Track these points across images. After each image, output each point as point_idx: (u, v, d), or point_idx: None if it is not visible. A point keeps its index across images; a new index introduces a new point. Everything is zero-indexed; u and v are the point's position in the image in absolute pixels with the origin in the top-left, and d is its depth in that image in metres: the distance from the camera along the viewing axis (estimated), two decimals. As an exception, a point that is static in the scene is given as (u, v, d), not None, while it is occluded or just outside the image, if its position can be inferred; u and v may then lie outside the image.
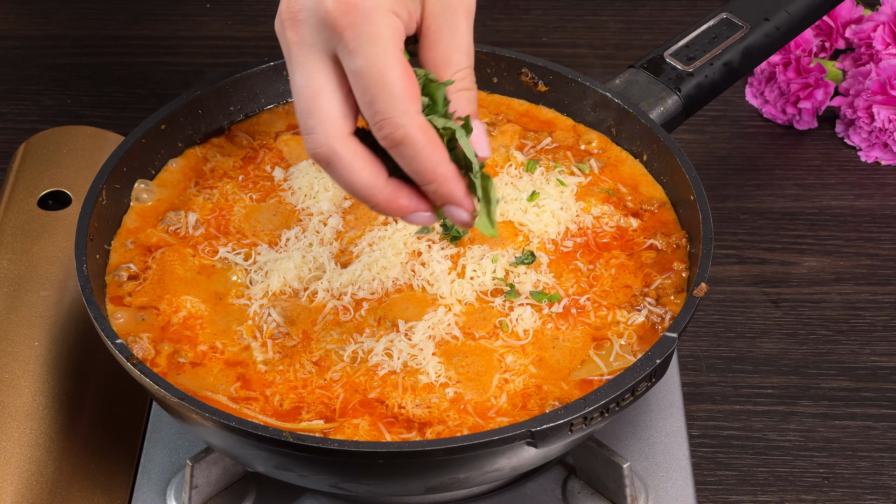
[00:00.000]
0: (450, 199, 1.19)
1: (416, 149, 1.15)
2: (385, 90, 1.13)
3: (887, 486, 1.51)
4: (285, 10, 1.18)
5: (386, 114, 1.14)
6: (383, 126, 1.14)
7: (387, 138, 1.15)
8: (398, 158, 1.16)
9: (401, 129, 1.14)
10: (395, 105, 1.14)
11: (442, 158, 1.17)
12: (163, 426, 1.49)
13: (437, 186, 1.17)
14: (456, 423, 1.29)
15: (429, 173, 1.17)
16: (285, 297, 1.41)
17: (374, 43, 1.14)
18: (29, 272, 1.58)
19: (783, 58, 1.91)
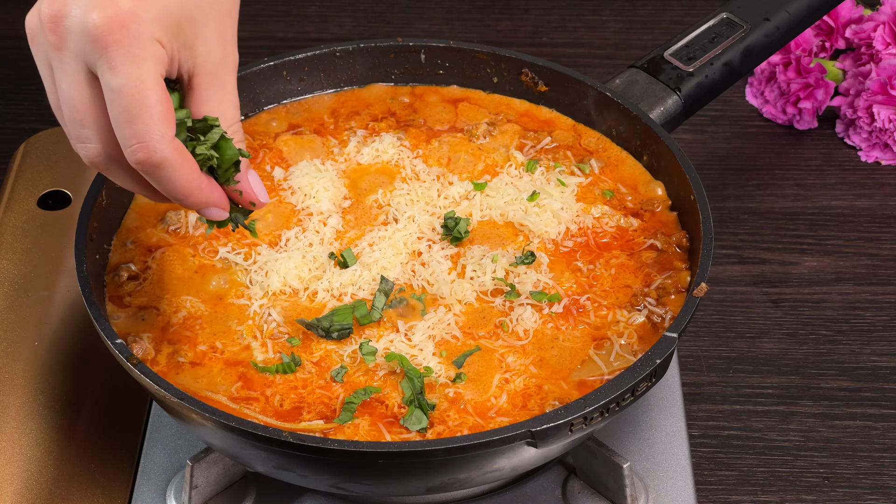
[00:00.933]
0: (207, 204, 1.23)
1: (173, 170, 1.17)
2: (144, 112, 1.14)
3: (887, 486, 1.51)
4: (48, 13, 1.17)
5: (144, 137, 1.14)
6: (139, 150, 1.15)
7: (143, 162, 1.15)
8: (154, 179, 1.18)
9: (158, 153, 1.15)
10: (153, 128, 1.14)
11: (195, 173, 1.20)
12: (163, 426, 1.49)
13: (195, 199, 1.21)
14: (456, 423, 1.29)
15: (185, 189, 1.19)
16: (285, 297, 1.41)
17: (139, 64, 1.14)
18: (29, 272, 1.58)
19: (783, 58, 1.91)
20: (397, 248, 1.44)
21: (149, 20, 1.15)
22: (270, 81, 1.61)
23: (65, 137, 1.74)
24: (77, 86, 1.16)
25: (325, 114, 1.62)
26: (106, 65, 1.14)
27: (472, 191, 1.50)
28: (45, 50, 1.18)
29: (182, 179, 1.18)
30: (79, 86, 1.16)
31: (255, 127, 1.60)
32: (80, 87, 1.16)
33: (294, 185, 1.52)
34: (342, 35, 2.12)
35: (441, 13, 2.17)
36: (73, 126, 1.18)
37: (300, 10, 2.17)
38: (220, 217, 1.26)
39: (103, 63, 1.14)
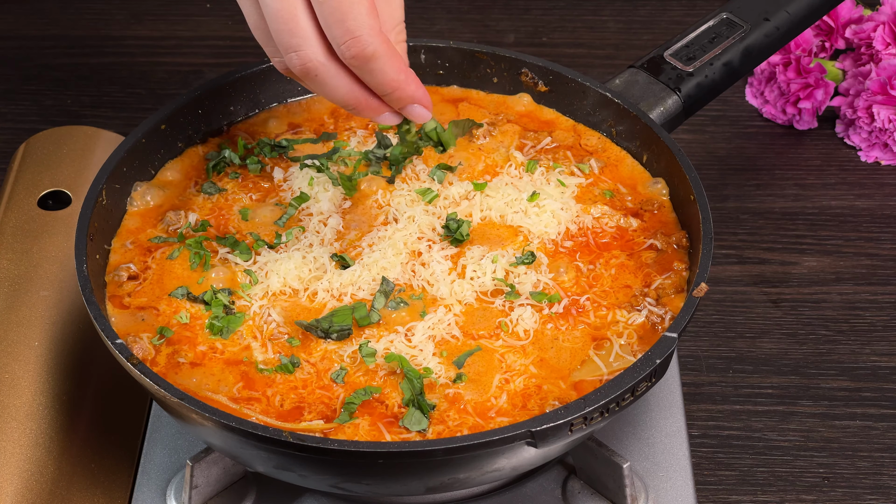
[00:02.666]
0: (412, 100, 1.29)
1: (385, 61, 1.23)
2: (354, 9, 1.20)
3: (887, 486, 1.51)
4: None
5: (356, 31, 1.21)
6: (353, 45, 1.21)
7: (357, 56, 1.21)
8: (365, 73, 1.24)
9: (370, 46, 1.22)
10: (363, 22, 1.21)
11: (402, 66, 1.25)
12: (163, 426, 1.49)
13: (402, 92, 1.27)
14: (456, 424, 1.29)
15: (394, 81, 1.26)
16: (285, 298, 1.41)
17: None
18: (29, 272, 1.58)
19: (783, 58, 1.91)
20: (397, 248, 1.44)
21: None
22: (270, 81, 1.61)
23: (65, 137, 1.75)
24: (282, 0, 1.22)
25: (325, 114, 1.62)
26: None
27: (473, 191, 1.50)
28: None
29: (391, 70, 1.24)
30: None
31: (255, 127, 1.60)
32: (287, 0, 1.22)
33: (294, 185, 1.52)
34: (342, 35, 2.12)
35: (441, 13, 2.17)
36: (281, 37, 1.23)
37: (300, 10, 2.16)
38: (423, 117, 1.31)
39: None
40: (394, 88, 1.26)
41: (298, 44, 1.22)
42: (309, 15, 1.22)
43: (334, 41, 1.21)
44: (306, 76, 1.24)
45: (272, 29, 1.23)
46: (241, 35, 2.12)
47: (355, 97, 1.27)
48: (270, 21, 1.22)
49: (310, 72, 1.24)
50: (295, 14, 1.21)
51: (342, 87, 1.26)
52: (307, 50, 1.23)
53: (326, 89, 1.26)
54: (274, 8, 1.22)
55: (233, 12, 2.16)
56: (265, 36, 1.26)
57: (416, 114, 1.30)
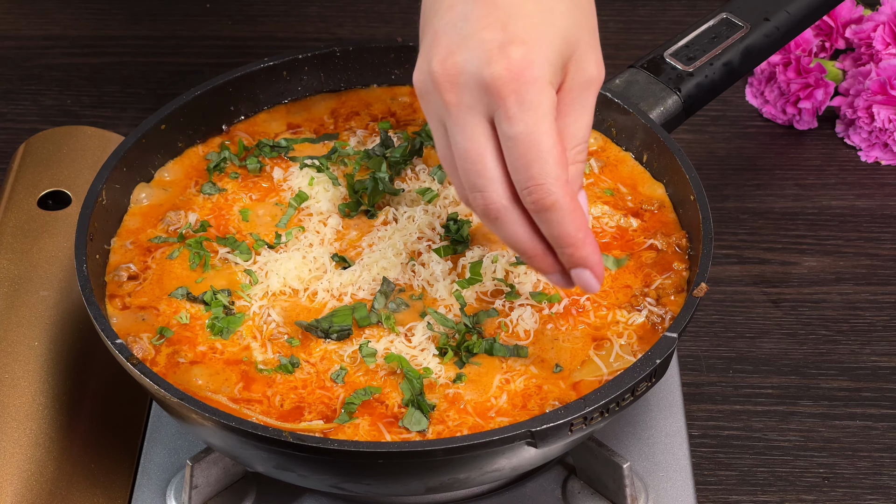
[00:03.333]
0: (584, 263, 1.24)
1: (564, 214, 1.20)
2: (541, 157, 1.18)
3: (887, 486, 1.51)
4: (441, 73, 1.20)
5: (540, 179, 1.18)
6: (534, 191, 1.19)
7: (536, 203, 1.19)
8: (543, 222, 1.21)
9: (552, 196, 1.19)
10: (549, 171, 1.18)
11: (583, 224, 1.22)
12: (163, 426, 1.49)
13: (575, 250, 1.23)
14: (456, 423, 1.29)
15: (570, 237, 1.22)
16: (285, 298, 1.41)
17: (535, 111, 1.18)
18: (29, 272, 1.58)
19: (783, 58, 1.91)
20: (397, 248, 1.44)
21: (540, 64, 1.19)
22: (270, 81, 1.61)
23: (65, 137, 1.75)
24: (473, 139, 1.20)
25: (325, 114, 1.62)
26: (504, 115, 1.18)
27: (472, 191, 1.50)
28: (438, 108, 1.22)
29: (570, 225, 1.21)
30: (474, 139, 1.20)
31: (255, 127, 1.60)
32: (476, 140, 1.20)
33: (294, 185, 1.52)
34: (342, 35, 2.12)
35: (441, 13, 2.16)
36: (468, 176, 1.22)
37: (300, 10, 2.17)
38: (592, 288, 1.26)
39: (501, 113, 1.18)
40: (568, 244, 1.22)
41: (483, 185, 1.21)
42: (497, 157, 1.21)
43: (518, 185, 1.20)
44: (486, 217, 1.23)
45: (459, 166, 1.22)
46: (241, 35, 2.12)
47: (532, 246, 1.25)
48: (458, 158, 1.22)
49: (490, 213, 1.22)
50: (483, 155, 1.20)
51: (520, 233, 1.24)
52: (491, 193, 1.21)
53: (504, 232, 1.24)
54: (463, 147, 1.21)
55: (233, 12, 2.16)
56: (452, 168, 1.25)
57: (583, 279, 1.25)
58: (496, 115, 1.19)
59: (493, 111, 1.19)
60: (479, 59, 1.18)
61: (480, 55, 1.18)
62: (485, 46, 1.18)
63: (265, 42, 2.11)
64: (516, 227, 1.23)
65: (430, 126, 1.25)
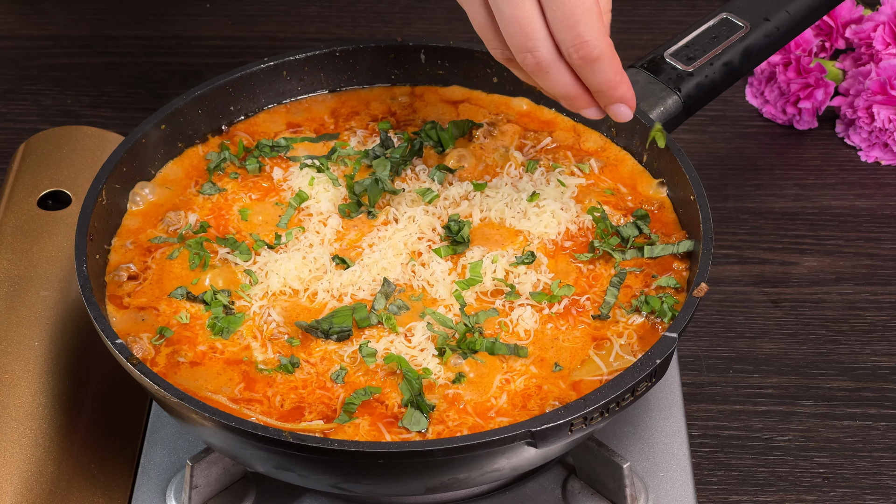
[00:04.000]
0: (622, 99, 1.38)
1: (607, 63, 1.35)
2: (586, 16, 1.32)
3: (887, 486, 1.51)
4: None
5: (586, 36, 1.32)
6: (582, 48, 1.33)
7: (585, 57, 1.33)
8: (587, 72, 1.35)
9: (597, 49, 1.33)
10: (593, 28, 1.32)
11: (619, 67, 1.36)
12: (163, 426, 1.49)
13: (615, 91, 1.37)
14: (456, 424, 1.29)
15: (612, 81, 1.36)
16: (285, 298, 1.41)
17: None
18: (29, 272, 1.58)
19: (783, 58, 1.91)
20: (397, 248, 1.44)
21: None
22: (270, 81, 1.61)
23: (65, 137, 1.74)
24: (521, 5, 1.32)
25: (325, 114, 1.62)
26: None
27: (472, 191, 1.50)
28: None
29: (610, 71, 1.35)
30: (522, 5, 1.32)
31: (255, 127, 1.60)
32: (524, 6, 1.32)
33: (294, 185, 1.52)
34: (342, 35, 2.12)
35: (441, 13, 2.17)
36: (517, 40, 1.34)
37: (300, 10, 2.17)
38: (625, 117, 1.39)
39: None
40: (608, 87, 1.36)
41: (534, 45, 1.34)
42: (542, 19, 1.33)
43: (563, 44, 1.33)
44: (538, 72, 1.36)
45: (507, 32, 1.34)
46: (241, 35, 2.12)
47: (575, 91, 1.38)
48: (505, 24, 1.34)
49: (542, 69, 1.35)
50: (531, 19, 1.33)
51: (565, 83, 1.37)
52: (542, 51, 1.34)
53: (550, 83, 1.37)
54: (510, 14, 1.33)
55: (233, 12, 2.16)
56: (491, 34, 1.37)
57: (620, 112, 1.39)
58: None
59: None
60: None
61: None
62: None
63: (265, 42, 2.11)
64: (564, 78, 1.37)
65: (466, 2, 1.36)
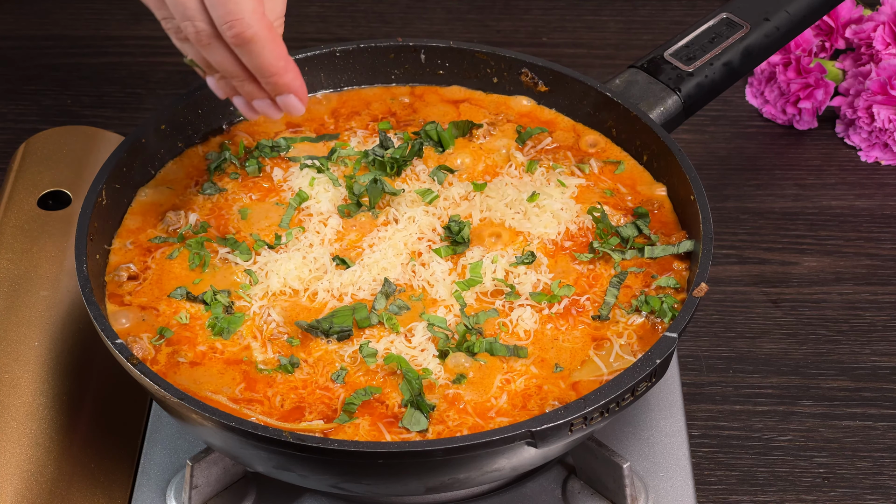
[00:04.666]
0: (288, 89, 1.30)
1: (263, 44, 1.25)
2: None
3: (887, 486, 1.51)
4: None
5: (238, 13, 1.24)
6: (234, 25, 1.24)
7: (237, 36, 1.24)
8: (244, 54, 1.26)
9: (251, 28, 1.24)
10: (246, 6, 1.23)
11: (283, 53, 1.27)
12: (163, 426, 1.49)
13: (278, 78, 1.28)
14: (456, 424, 1.29)
15: (272, 66, 1.27)
16: (285, 298, 1.41)
17: None
18: (29, 272, 1.58)
19: (783, 58, 1.91)
20: (397, 248, 1.44)
21: None
22: (270, 81, 1.61)
23: (65, 137, 1.74)
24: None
25: (325, 114, 1.62)
26: None
27: (473, 191, 1.50)
28: None
29: (271, 54, 1.26)
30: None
31: (255, 127, 1.60)
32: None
33: (294, 185, 1.52)
34: (342, 35, 2.12)
35: (441, 13, 2.17)
36: (177, 9, 1.26)
37: (300, 10, 2.17)
38: (297, 110, 1.31)
39: None
40: (271, 74, 1.28)
41: (192, 15, 1.26)
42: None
43: (217, 21, 1.25)
44: (199, 44, 1.28)
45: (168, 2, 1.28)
46: (241, 35, 2.12)
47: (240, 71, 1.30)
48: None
49: (202, 41, 1.27)
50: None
51: (228, 59, 1.29)
52: (199, 22, 1.26)
53: (215, 58, 1.29)
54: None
55: (233, 12, 2.16)
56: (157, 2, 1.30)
57: (289, 104, 1.31)
58: None
59: None
60: None
61: None
62: None
63: (265, 42, 2.10)
64: (227, 54, 1.28)
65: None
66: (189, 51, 1.33)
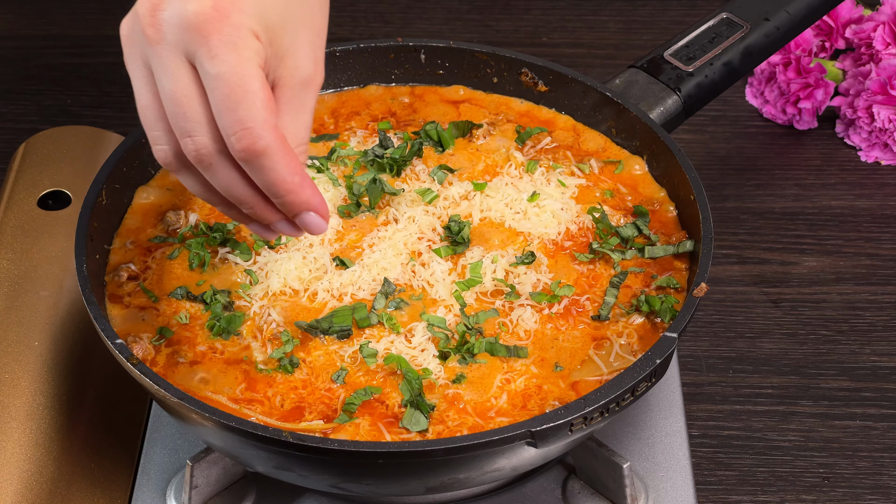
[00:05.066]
0: (307, 206, 1.18)
1: (277, 158, 1.13)
2: (247, 99, 1.11)
3: (887, 486, 1.51)
4: (145, 6, 1.13)
5: (247, 123, 1.11)
6: (244, 137, 1.11)
7: (247, 149, 1.12)
8: (255, 169, 1.14)
9: (262, 140, 1.12)
10: (257, 115, 1.11)
11: (298, 167, 1.15)
12: (163, 426, 1.49)
13: (295, 196, 1.16)
14: (456, 424, 1.29)
15: (287, 183, 1.15)
16: (285, 298, 1.41)
17: (239, 52, 1.12)
18: (29, 272, 1.58)
19: (783, 58, 1.91)
20: (397, 248, 1.44)
21: (248, 13, 1.13)
22: (270, 81, 1.61)
23: (65, 137, 1.74)
24: (177, 79, 1.12)
25: (325, 114, 1.62)
26: (206, 53, 1.11)
27: (472, 191, 1.50)
28: (142, 46, 1.14)
29: (284, 170, 1.13)
30: (179, 79, 1.13)
31: (255, 127, 1.60)
32: (181, 80, 1.13)
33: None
34: (342, 35, 2.12)
35: (441, 13, 2.17)
36: (177, 120, 1.14)
37: (300, 10, 2.16)
38: (320, 229, 1.19)
39: (203, 52, 1.11)
40: (286, 191, 1.15)
41: (193, 129, 1.13)
42: (203, 101, 1.13)
43: (224, 131, 1.12)
44: (200, 164, 1.15)
45: (168, 113, 1.14)
46: (241, 35, 2.12)
47: (250, 194, 1.17)
48: (166, 102, 1.14)
49: (203, 160, 1.14)
50: (189, 96, 1.12)
51: (236, 181, 1.16)
52: (201, 136, 1.13)
53: (219, 180, 1.17)
54: (169, 89, 1.13)
55: (233, 12, 2.16)
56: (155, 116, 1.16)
57: (311, 223, 1.19)
58: (197, 55, 1.11)
59: (193, 51, 1.12)
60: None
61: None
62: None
63: (265, 42, 2.10)
64: (232, 175, 1.16)
65: (132, 73, 1.16)
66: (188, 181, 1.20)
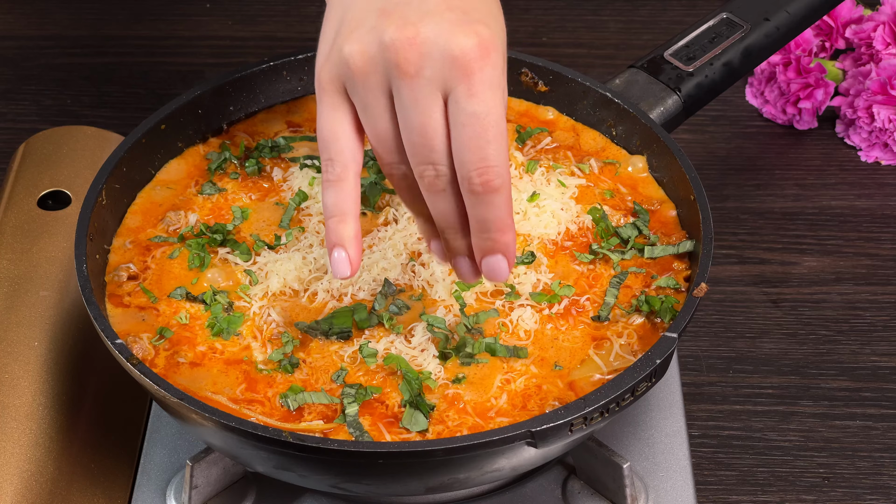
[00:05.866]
0: (505, 249, 1.22)
1: (504, 198, 1.18)
2: (499, 139, 1.16)
3: (887, 486, 1.51)
4: (402, 42, 1.16)
5: (491, 161, 1.16)
6: (485, 173, 1.16)
7: (486, 184, 1.17)
8: (481, 203, 1.19)
9: (500, 178, 1.17)
10: (502, 155, 1.17)
11: (513, 210, 1.21)
12: (163, 426, 1.49)
13: (502, 235, 1.21)
14: (455, 424, 1.29)
15: (503, 221, 1.20)
16: (285, 298, 1.41)
17: (496, 92, 1.16)
18: (29, 272, 1.58)
19: (783, 58, 1.91)
20: (397, 248, 1.44)
21: (502, 50, 1.18)
22: (270, 81, 1.61)
23: (65, 137, 1.74)
24: (429, 114, 1.16)
25: (325, 114, 1.62)
26: (466, 91, 1.15)
27: (472, 191, 1.50)
28: (390, 76, 1.17)
29: (506, 209, 1.19)
30: (431, 113, 1.16)
31: (255, 127, 1.60)
32: (434, 115, 1.17)
33: (293, 185, 1.52)
34: (342, 35, 2.12)
35: (441, 13, 2.16)
36: (420, 150, 1.18)
37: (300, 10, 2.17)
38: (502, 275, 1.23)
39: (463, 90, 1.15)
40: (497, 229, 1.20)
41: (438, 159, 1.18)
42: (447, 133, 1.18)
43: (465, 165, 1.17)
44: (433, 189, 1.20)
45: (410, 142, 1.18)
46: (241, 35, 2.12)
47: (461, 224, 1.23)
48: (411, 133, 1.18)
49: (438, 187, 1.20)
50: (438, 130, 1.17)
51: (455, 210, 1.22)
52: (443, 167, 1.19)
53: (442, 206, 1.22)
54: (419, 122, 1.17)
55: (233, 12, 2.16)
56: (393, 145, 1.21)
57: (497, 268, 1.23)
58: (455, 90, 1.15)
59: (452, 87, 1.15)
60: (448, 32, 1.15)
61: (448, 28, 1.15)
62: (451, 22, 1.15)
63: (265, 42, 2.10)
64: (454, 204, 1.21)
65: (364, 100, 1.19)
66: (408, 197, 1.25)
